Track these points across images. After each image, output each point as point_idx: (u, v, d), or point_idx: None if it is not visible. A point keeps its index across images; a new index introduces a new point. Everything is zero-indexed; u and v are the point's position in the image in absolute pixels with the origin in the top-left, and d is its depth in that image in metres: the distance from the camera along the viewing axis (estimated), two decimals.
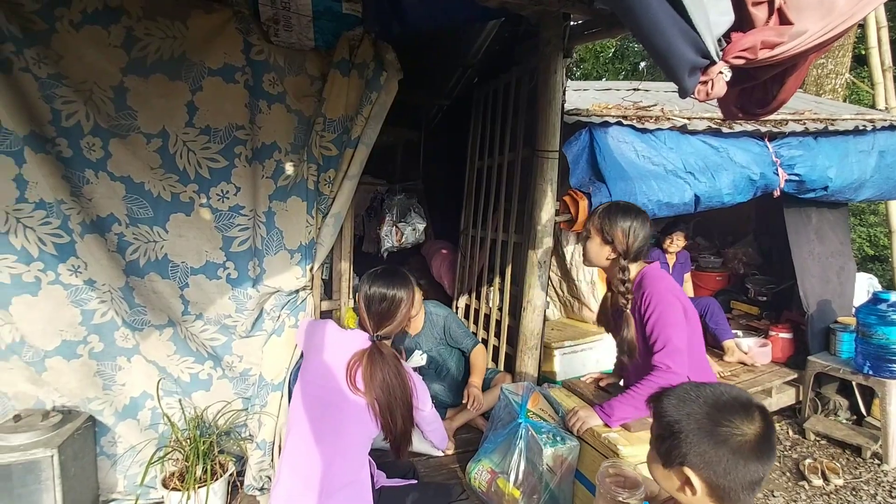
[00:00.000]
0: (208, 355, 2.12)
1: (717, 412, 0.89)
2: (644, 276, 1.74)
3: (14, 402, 1.92)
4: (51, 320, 1.88)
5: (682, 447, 0.90)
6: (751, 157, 3.10)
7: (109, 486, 2.05)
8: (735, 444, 0.86)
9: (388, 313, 1.62)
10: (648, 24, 1.04)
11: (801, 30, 1.20)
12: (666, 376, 1.59)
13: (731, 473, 0.86)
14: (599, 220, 1.76)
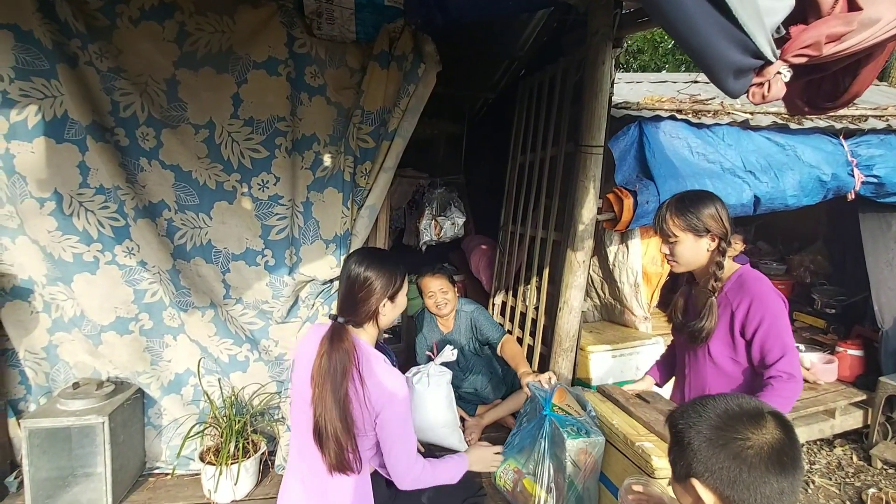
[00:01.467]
0: (246, 338, 2.21)
1: (723, 421, 0.83)
2: (745, 278, 1.58)
3: (74, 371, 2.09)
4: (107, 297, 2.03)
5: (686, 457, 0.85)
6: (822, 155, 2.83)
7: (154, 454, 2.19)
8: (742, 454, 0.80)
9: (356, 297, 1.40)
10: (679, 21, 0.94)
11: (874, 17, 1.05)
12: (790, 386, 1.46)
13: (739, 485, 0.79)
14: (681, 218, 1.57)
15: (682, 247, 1.59)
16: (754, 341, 1.52)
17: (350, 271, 1.43)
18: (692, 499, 0.86)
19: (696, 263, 1.61)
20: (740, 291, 1.55)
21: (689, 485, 0.86)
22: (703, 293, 1.61)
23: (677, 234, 1.58)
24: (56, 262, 1.96)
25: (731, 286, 1.58)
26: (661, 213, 1.63)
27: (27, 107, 1.84)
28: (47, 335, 2.05)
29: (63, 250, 1.96)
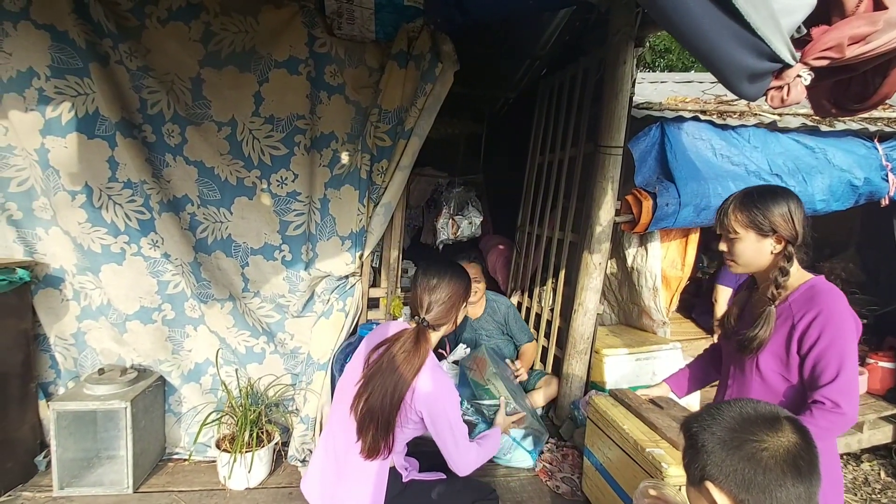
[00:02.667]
0: (263, 331, 2.26)
1: (738, 423, 0.82)
2: (816, 290, 1.39)
3: (100, 357, 2.18)
4: (132, 287, 2.11)
5: (700, 460, 0.84)
6: (854, 159, 2.72)
7: (174, 440, 2.27)
8: (757, 455, 0.78)
9: (446, 303, 1.52)
10: (685, 26, 0.91)
11: (871, 41, 1.00)
12: (832, 418, 1.27)
13: (754, 487, 0.78)
14: (744, 213, 1.42)
15: (742, 245, 1.43)
16: (809, 357, 1.35)
17: (434, 278, 1.53)
18: (707, 502, 0.85)
19: (756, 266, 1.46)
20: (808, 304, 1.37)
21: (704, 488, 0.84)
22: (762, 301, 1.46)
23: (738, 230, 1.43)
24: (85, 253, 2.05)
25: (799, 297, 1.40)
26: (725, 205, 1.47)
27: (62, 104, 1.93)
28: (76, 322, 2.14)
29: (92, 241, 2.04)
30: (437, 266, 1.57)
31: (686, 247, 2.98)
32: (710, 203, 2.52)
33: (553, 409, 2.80)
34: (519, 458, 2.34)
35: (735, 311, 1.59)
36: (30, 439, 2.08)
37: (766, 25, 0.94)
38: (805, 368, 1.37)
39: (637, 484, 1.28)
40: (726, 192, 2.53)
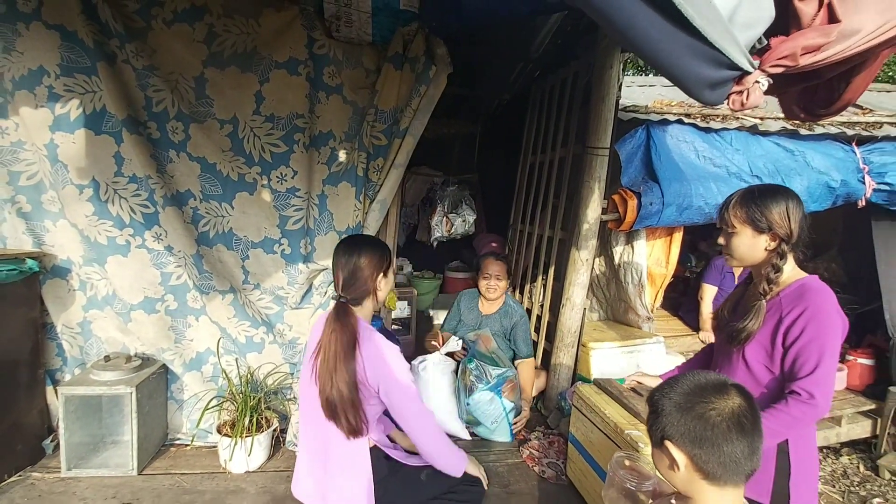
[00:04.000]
0: (262, 321, 2.35)
1: (691, 389, 0.94)
2: (807, 287, 1.43)
3: (105, 346, 2.27)
4: (137, 278, 2.19)
5: (660, 422, 0.95)
6: (832, 162, 2.83)
7: (176, 426, 2.36)
8: (707, 415, 0.90)
9: (355, 277, 1.54)
10: (643, 44, 1.01)
11: (853, 28, 1.11)
12: (804, 409, 1.33)
13: (705, 443, 0.89)
14: (743, 209, 1.47)
15: (739, 240, 1.48)
16: (791, 349, 1.40)
17: (345, 254, 1.57)
18: (668, 461, 0.96)
19: (749, 260, 1.50)
20: (797, 300, 1.41)
21: (664, 447, 0.95)
22: (754, 295, 1.51)
23: (735, 225, 1.48)
24: (92, 245, 2.13)
25: (790, 293, 1.43)
26: (727, 201, 1.51)
27: (70, 101, 2.01)
28: (82, 312, 2.23)
29: (98, 233, 2.13)
30: (348, 242, 1.61)
31: (670, 245, 3.09)
32: (692, 203, 2.63)
33: (541, 399, 2.90)
34: (502, 431, 2.49)
35: (730, 304, 1.63)
36: (38, 424, 2.17)
37: (724, 38, 1.04)
38: (787, 360, 1.41)
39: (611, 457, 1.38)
40: (708, 193, 2.65)
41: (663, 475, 1.03)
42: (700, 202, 2.64)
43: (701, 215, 2.69)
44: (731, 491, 0.92)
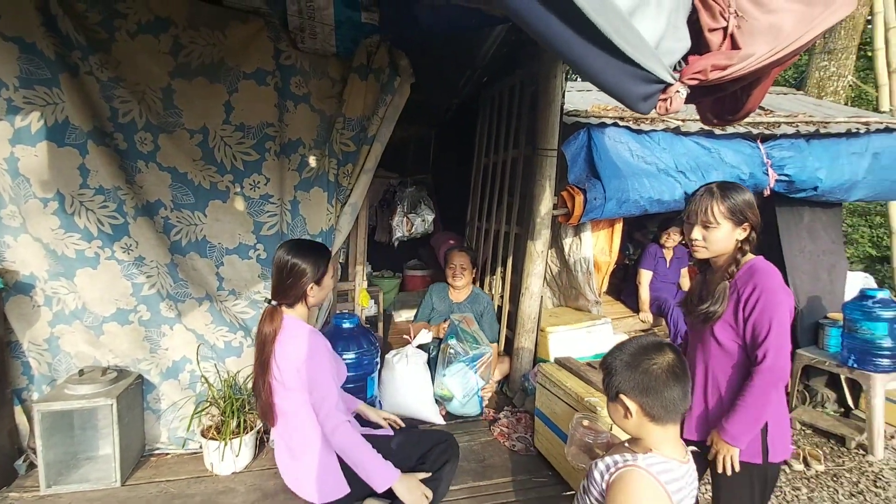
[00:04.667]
0: (240, 326, 2.41)
1: (637, 351, 1.19)
2: (756, 268, 1.59)
3: (75, 361, 2.23)
4: (107, 290, 2.18)
5: (613, 380, 1.19)
6: (741, 157, 3.28)
7: (154, 437, 2.36)
8: (650, 369, 1.15)
9: (285, 283, 1.63)
10: (589, 69, 1.26)
11: (749, 53, 1.41)
12: (764, 375, 1.50)
13: (651, 391, 1.14)
14: (725, 204, 1.58)
15: (719, 233, 1.58)
16: (748, 322, 1.55)
17: (279, 260, 1.65)
18: (623, 410, 1.19)
19: (724, 251, 1.62)
20: (749, 279, 1.57)
21: (619, 399, 1.18)
22: (717, 279, 1.65)
23: (719, 220, 1.58)
24: (59, 258, 2.10)
25: (742, 274, 1.59)
26: (701, 198, 1.61)
27: (31, 113, 1.98)
28: (49, 327, 2.18)
29: (66, 247, 2.10)
30: (284, 247, 1.67)
31: (612, 235, 3.44)
32: (629, 197, 2.97)
33: (506, 383, 3.14)
34: (472, 404, 2.75)
35: (695, 291, 1.75)
36: (7, 445, 2.11)
37: (651, 61, 1.29)
38: (746, 332, 1.56)
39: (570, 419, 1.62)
40: (642, 188, 2.99)
41: (618, 424, 1.26)
42: (636, 196, 2.99)
43: (637, 207, 3.04)
44: (671, 428, 1.18)
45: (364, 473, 1.59)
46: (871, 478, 2.89)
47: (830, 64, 5.04)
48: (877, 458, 3.04)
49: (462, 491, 2.10)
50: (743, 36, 1.42)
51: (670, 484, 1.14)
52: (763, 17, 1.38)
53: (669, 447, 1.19)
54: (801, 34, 1.47)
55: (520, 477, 2.22)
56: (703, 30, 1.39)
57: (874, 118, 3.92)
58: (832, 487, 2.79)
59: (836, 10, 1.38)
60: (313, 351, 1.62)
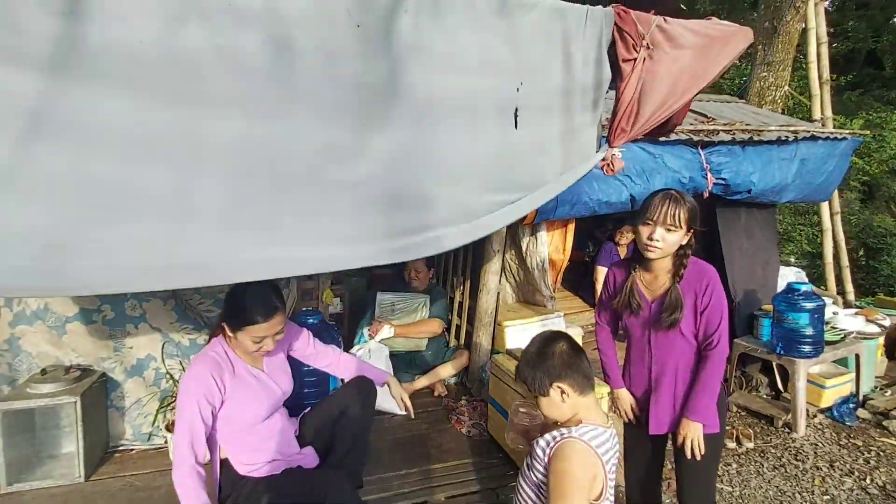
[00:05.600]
0: (205, 324, 2.48)
1: (540, 347, 1.39)
2: (701, 266, 1.79)
3: (37, 360, 2.26)
4: None
5: (538, 379, 1.37)
6: (683, 162, 3.54)
7: (118, 434, 2.41)
8: (563, 353, 1.36)
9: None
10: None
11: (643, 112, 1.64)
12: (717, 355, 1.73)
13: (573, 370, 1.34)
14: (685, 211, 1.71)
15: (675, 236, 1.70)
16: (704, 314, 1.73)
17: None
18: (559, 396, 1.36)
19: (671, 251, 1.74)
20: (701, 278, 1.75)
21: (553, 389, 1.35)
22: (658, 279, 1.79)
23: (682, 225, 1.69)
24: None
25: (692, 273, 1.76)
26: (669, 203, 1.71)
27: None
28: (9, 328, 2.21)
29: None
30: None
31: (566, 235, 3.66)
32: (580, 199, 3.18)
33: (465, 375, 3.31)
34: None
35: (636, 292, 1.82)
36: None
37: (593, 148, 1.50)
38: (701, 323, 1.74)
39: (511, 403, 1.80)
40: (591, 191, 3.21)
41: (555, 414, 1.41)
42: (586, 198, 3.20)
43: (587, 209, 3.26)
44: (591, 396, 1.39)
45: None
46: (793, 452, 3.21)
47: (769, 75, 5.43)
48: (799, 435, 3.38)
49: (418, 473, 2.25)
50: (653, 66, 1.62)
51: (599, 447, 1.34)
52: (671, 50, 1.58)
53: (594, 414, 1.39)
54: (678, 98, 1.71)
55: (473, 459, 2.39)
56: (619, 60, 1.58)
57: (802, 126, 4.28)
58: (759, 462, 3.09)
59: (732, 47, 1.60)
60: (184, 379, 1.64)
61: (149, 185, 0.99)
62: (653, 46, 1.55)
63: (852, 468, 3.42)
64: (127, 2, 0.93)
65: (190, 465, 1.55)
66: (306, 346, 2.01)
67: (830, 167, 4.26)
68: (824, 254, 5.51)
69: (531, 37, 1.43)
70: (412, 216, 1.35)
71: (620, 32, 1.54)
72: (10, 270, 0.89)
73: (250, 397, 1.71)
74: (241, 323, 1.62)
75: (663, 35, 1.57)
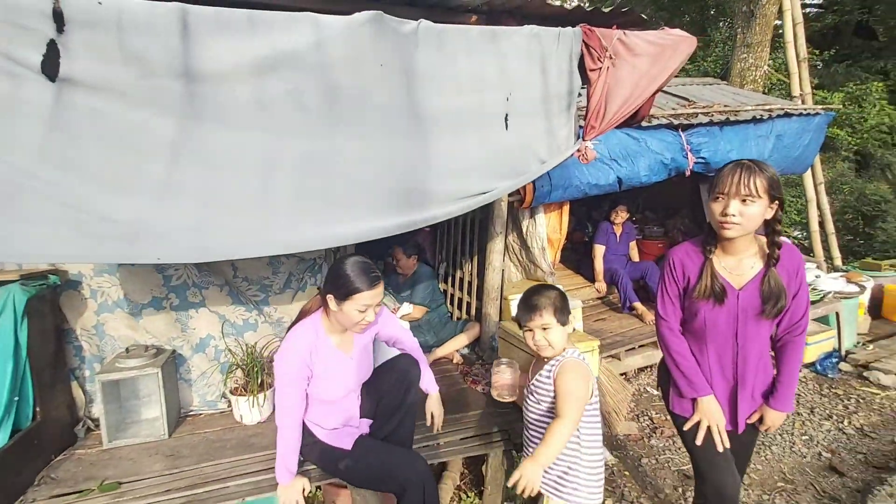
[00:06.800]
0: (254, 306, 2.92)
1: (530, 293, 1.79)
2: (793, 249, 1.63)
3: (119, 342, 2.71)
4: (144, 282, 2.66)
5: (565, 310, 1.76)
6: (664, 145, 3.91)
7: (187, 402, 2.86)
8: (559, 297, 1.76)
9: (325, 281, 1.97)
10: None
11: (609, 111, 2.01)
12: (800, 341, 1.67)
13: (564, 309, 1.73)
14: (765, 179, 1.51)
15: (756, 208, 1.50)
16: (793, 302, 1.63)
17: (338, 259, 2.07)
18: (569, 327, 1.76)
19: (752, 228, 1.55)
20: (791, 259, 1.60)
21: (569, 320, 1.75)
22: (743, 264, 1.62)
23: (761, 195, 1.50)
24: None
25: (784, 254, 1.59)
26: (740, 172, 1.51)
27: None
28: (95, 316, 2.65)
29: None
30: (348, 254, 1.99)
31: (562, 216, 4.05)
32: (571, 183, 3.56)
33: (477, 345, 3.74)
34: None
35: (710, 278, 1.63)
36: (67, 414, 2.59)
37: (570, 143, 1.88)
38: (791, 310, 1.63)
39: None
40: (581, 175, 3.59)
41: (560, 344, 1.76)
42: (577, 182, 3.59)
43: (578, 192, 3.64)
44: (568, 327, 1.77)
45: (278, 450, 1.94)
46: None
47: (749, 56, 5.73)
48: None
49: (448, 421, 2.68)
50: (616, 72, 2.00)
51: (585, 361, 1.76)
52: (630, 59, 1.96)
53: (574, 340, 1.81)
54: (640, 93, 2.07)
55: (488, 410, 2.82)
56: (587, 70, 1.96)
57: (777, 105, 4.61)
58: None
59: (680, 52, 1.97)
60: (281, 352, 1.92)
61: (250, 187, 1.42)
62: (615, 57, 1.92)
63: (831, 413, 3.82)
64: (226, 65, 1.34)
65: (291, 428, 1.92)
66: (392, 331, 2.20)
67: (806, 141, 4.60)
68: (810, 222, 5.85)
69: (515, 57, 1.82)
70: (419, 202, 1.77)
71: (587, 47, 1.91)
72: (177, 249, 1.36)
73: (332, 380, 1.98)
74: (348, 293, 1.79)
75: (623, 46, 1.94)
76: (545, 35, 1.85)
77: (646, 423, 3.58)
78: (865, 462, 3.04)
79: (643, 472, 2.99)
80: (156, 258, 1.42)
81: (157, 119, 1.29)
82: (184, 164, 1.32)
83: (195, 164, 1.33)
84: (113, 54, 1.27)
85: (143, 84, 1.28)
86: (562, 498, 1.78)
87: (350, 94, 1.54)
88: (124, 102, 1.28)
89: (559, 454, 1.71)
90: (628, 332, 4.04)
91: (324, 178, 1.59)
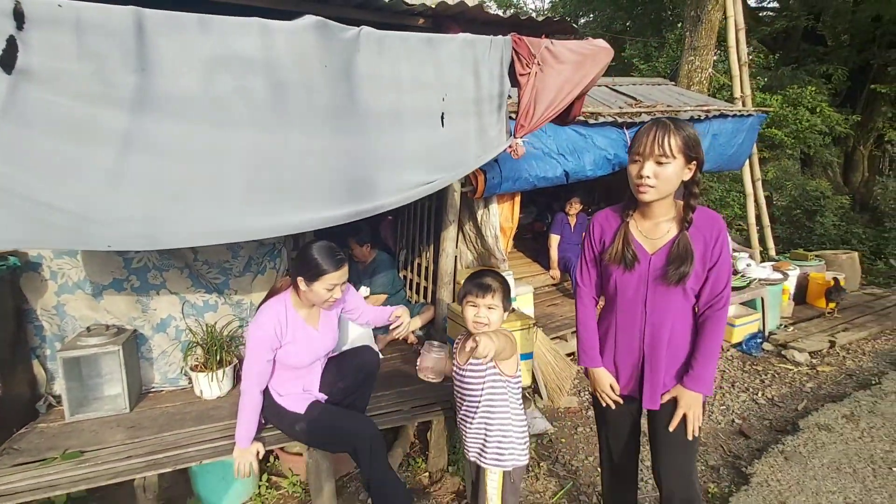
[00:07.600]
0: (214, 288, 3.05)
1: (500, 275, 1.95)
2: (713, 215, 1.55)
3: (80, 322, 2.81)
4: (105, 264, 2.77)
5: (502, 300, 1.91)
6: (608, 141, 4.20)
7: (149, 379, 2.99)
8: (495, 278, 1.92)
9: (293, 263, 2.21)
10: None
11: (537, 112, 2.23)
12: (725, 317, 1.58)
13: (507, 293, 1.90)
14: (681, 137, 1.44)
15: (671, 169, 1.45)
16: (713, 269, 1.54)
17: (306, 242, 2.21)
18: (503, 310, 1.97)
19: (669, 191, 1.49)
20: (711, 225, 1.52)
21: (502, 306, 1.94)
22: (659, 228, 1.55)
23: (675, 154, 1.44)
24: None
25: (700, 219, 1.53)
26: (654, 131, 1.45)
27: None
28: (55, 297, 2.74)
29: None
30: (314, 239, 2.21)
31: (513, 207, 4.30)
32: (521, 175, 3.81)
33: (432, 327, 3.97)
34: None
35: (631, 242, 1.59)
36: (28, 391, 2.69)
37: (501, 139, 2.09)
38: (708, 279, 1.54)
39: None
40: (531, 168, 3.84)
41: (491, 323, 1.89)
42: (526, 174, 3.83)
43: (528, 183, 3.89)
44: (505, 314, 1.94)
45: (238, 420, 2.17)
46: None
47: (696, 59, 6.10)
48: None
49: (392, 394, 2.91)
50: (543, 77, 2.22)
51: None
52: (556, 65, 2.18)
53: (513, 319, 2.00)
54: (566, 95, 2.30)
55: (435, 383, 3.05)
56: (517, 74, 2.18)
57: (714, 106, 4.97)
58: None
59: (600, 60, 2.21)
60: (255, 322, 2.12)
61: (200, 178, 1.57)
62: (542, 63, 2.14)
63: (749, 386, 4.23)
64: (179, 62, 1.50)
65: (254, 394, 2.13)
66: (355, 303, 2.41)
67: (740, 140, 4.99)
68: (748, 215, 6.31)
69: (450, 61, 2.02)
70: (365, 193, 1.96)
71: (517, 54, 2.13)
72: (127, 237, 1.50)
73: (299, 350, 2.18)
74: (317, 274, 1.99)
75: (550, 54, 2.16)
76: (478, 42, 2.05)
77: (586, 397, 3.90)
78: (770, 427, 3.44)
79: (577, 440, 3.30)
80: (106, 245, 1.56)
81: (109, 111, 1.43)
82: (134, 155, 1.46)
83: (144, 153, 1.47)
84: (70, 50, 1.41)
85: (97, 78, 1.42)
86: (501, 466, 1.91)
87: (296, 91, 1.71)
88: (77, 95, 1.42)
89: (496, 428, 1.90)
90: None
91: (272, 170, 1.76)
